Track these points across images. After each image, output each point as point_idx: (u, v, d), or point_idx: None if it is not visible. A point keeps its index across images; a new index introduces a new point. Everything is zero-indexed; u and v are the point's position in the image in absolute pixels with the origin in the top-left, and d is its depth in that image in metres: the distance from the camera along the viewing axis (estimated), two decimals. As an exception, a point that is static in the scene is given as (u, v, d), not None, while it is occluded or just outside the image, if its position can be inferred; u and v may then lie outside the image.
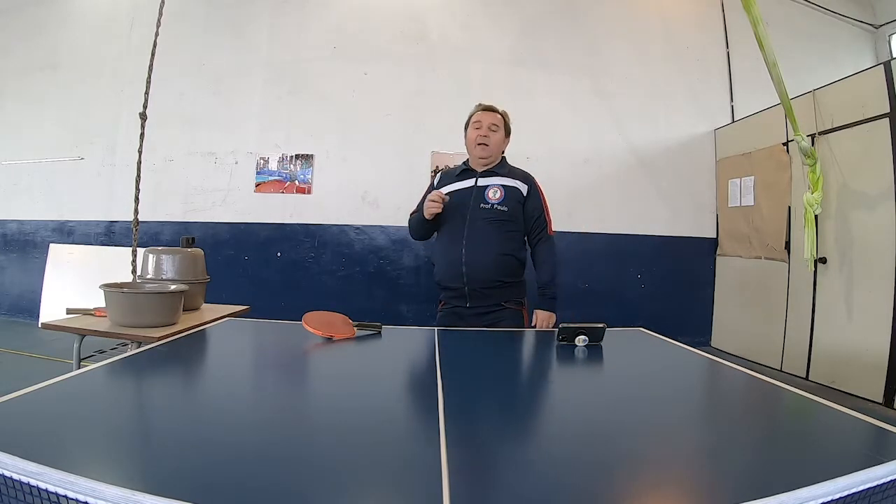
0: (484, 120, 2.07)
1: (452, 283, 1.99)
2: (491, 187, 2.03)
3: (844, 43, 4.98)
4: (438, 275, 2.06)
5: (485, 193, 2.02)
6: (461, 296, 1.99)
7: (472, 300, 1.97)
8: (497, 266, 1.96)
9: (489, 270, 1.95)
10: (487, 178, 2.06)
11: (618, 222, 4.59)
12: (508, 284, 1.99)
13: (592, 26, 4.73)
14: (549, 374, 1.39)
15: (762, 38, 2.84)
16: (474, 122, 2.09)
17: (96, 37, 4.84)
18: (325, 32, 4.64)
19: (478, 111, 2.11)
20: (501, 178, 2.06)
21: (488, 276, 1.95)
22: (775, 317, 3.73)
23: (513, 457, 0.76)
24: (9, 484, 0.59)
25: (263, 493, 0.60)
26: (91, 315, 1.87)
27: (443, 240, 2.07)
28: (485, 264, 1.94)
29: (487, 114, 2.09)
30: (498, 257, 1.96)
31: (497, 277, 1.96)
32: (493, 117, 2.09)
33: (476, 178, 2.07)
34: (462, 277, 1.95)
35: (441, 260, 2.05)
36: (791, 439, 0.85)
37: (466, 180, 2.08)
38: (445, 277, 2.02)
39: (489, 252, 1.95)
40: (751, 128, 4.16)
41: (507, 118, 2.13)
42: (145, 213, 3.30)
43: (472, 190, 2.04)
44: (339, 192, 4.54)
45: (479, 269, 1.94)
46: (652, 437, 0.85)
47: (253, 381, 1.23)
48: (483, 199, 2.01)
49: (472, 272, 1.94)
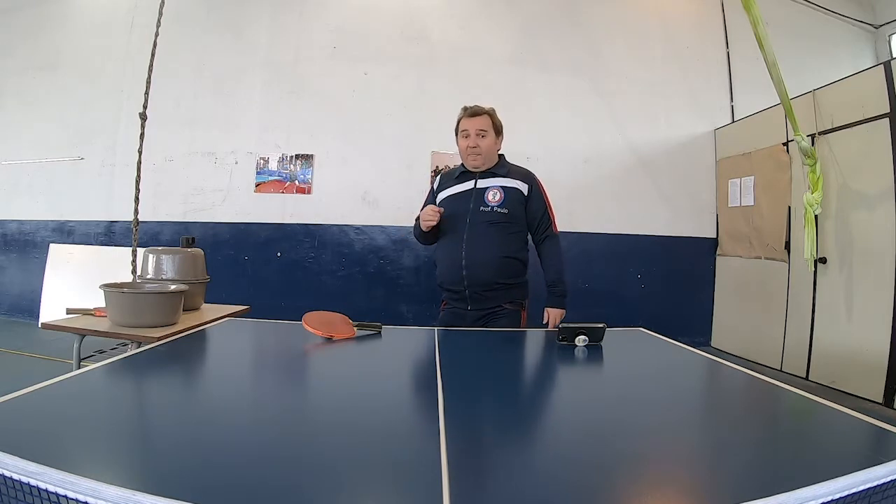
0: (471, 127, 2.03)
1: (453, 285, 1.99)
2: (490, 189, 2.01)
3: (844, 43, 4.98)
4: (440, 277, 2.06)
5: (484, 196, 2.01)
6: (462, 298, 1.99)
7: (473, 303, 1.97)
8: (498, 269, 1.95)
9: (490, 273, 1.94)
10: (487, 179, 2.05)
11: (618, 222, 4.59)
12: (510, 286, 1.99)
13: (592, 26, 4.73)
14: (549, 374, 1.40)
15: (762, 38, 2.84)
16: (462, 132, 2.07)
17: (96, 37, 4.84)
18: (325, 32, 4.64)
19: (463, 117, 2.08)
20: (501, 178, 2.04)
21: (489, 278, 1.94)
22: (775, 317, 3.73)
23: (513, 457, 0.76)
24: (9, 484, 0.59)
25: (263, 492, 0.60)
26: (91, 315, 1.87)
27: (444, 243, 2.06)
28: (485, 267, 1.94)
29: (473, 120, 2.04)
30: (499, 260, 1.95)
31: (498, 280, 1.95)
32: (480, 122, 2.04)
33: (475, 181, 2.06)
34: (462, 281, 1.95)
35: (442, 263, 2.04)
36: (791, 439, 0.86)
37: (465, 182, 2.07)
38: (446, 280, 2.02)
39: (490, 255, 1.94)
40: (751, 128, 4.16)
41: (494, 117, 2.08)
42: (145, 213, 3.30)
43: (472, 192, 2.03)
44: (339, 192, 4.54)
45: (479, 272, 1.93)
46: (652, 436, 0.85)
47: (253, 382, 1.23)
48: (483, 202, 2.00)
49: (473, 275, 1.94)
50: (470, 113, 2.07)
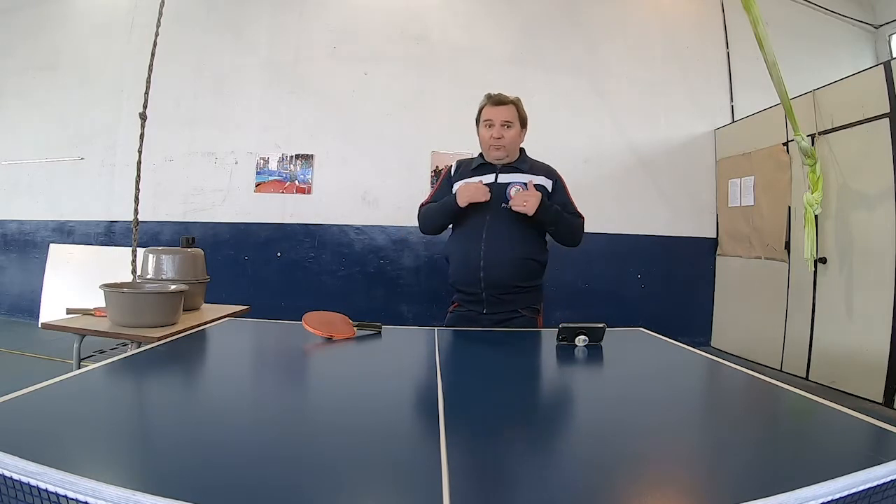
0: (495, 117, 1.90)
1: (469, 286, 1.87)
2: (513, 185, 1.87)
3: (844, 43, 4.98)
4: (453, 276, 1.93)
5: (506, 191, 1.87)
6: (478, 301, 1.87)
7: (489, 306, 1.86)
8: (517, 270, 1.84)
9: (508, 275, 1.83)
10: (508, 174, 1.91)
11: (618, 222, 4.58)
12: (526, 290, 1.88)
13: (592, 26, 4.73)
14: (549, 374, 1.40)
15: (762, 38, 2.84)
16: (485, 121, 1.92)
17: (96, 37, 4.84)
18: (325, 32, 4.64)
19: (487, 105, 1.93)
20: (524, 174, 1.91)
21: (507, 280, 1.83)
22: (775, 317, 3.73)
23: (513, 457, 0.76)
24: (9, 484, 0.59)
25: (263, 492, 0.60)
26: (91, 315, 1.87)
27: (459, 239, 1.93)
28: (504, 268, 1.82)
29: (498, 109, 1.90)
30: (518, 261, 1.84)
31: (516, 282, 1.84)
32: (506, 112, 1.90)
33: (496, 174, 1.92)
34: (479, 282, 1.83)
35: (457, 261, 1.91)
36: (791, 439, 0.85)
37: (485, 175, 1.92)
38: (461, 280, 1.90)
39: (509, 255, 1.83)
40: (751, 128, 4.16)
41: (520, 107, 1.95)
42: (145, 213, 3.31)
43: (493, 187, 1.88)
44: (339, 192, 4.54)
45: (497, 272, 1.82)
46: (652, 436, 0.85)
47: (253, 382, 1.23)
48: (504, 198, 1.86)
49: (491, 276, 1.82)
50: (495, 101, 1.92)
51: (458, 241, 1.94)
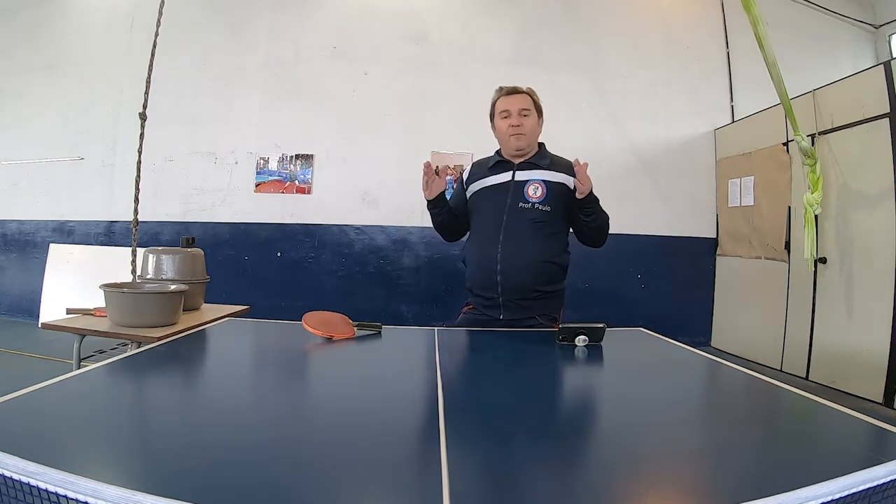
0: (512, 106, 1.81)
1: (485, 291, 1.79)
2: (531, 183, 1.78)
3: (844, 43, 4.98)
4: (470, 280, 1.86)
5: (524, 190, 1.78)
6: (494, 306, 1.79)
7: (507, 312, 1.77)
8: (536, 274, 1.76)
9: (527, 279, 1.75)
10: (526, 171, 1.82)
11: (618, 222, 4.50)
12: (546, 295, 1.80)
13: (592, 26, 4.73)
14: (549, 374, 1.39)
15: (762, 38, 2.84)
16: (501, 112, 1.83)
17: (96, 37, 4.84)
18: (325, 32, 4.65)
19: (501, 97, 1.84)
20: (543, 171, 1.81)
21: (526, 284, 1.75)
22: (775, 317, 3.73)
23: (513, 457, 0.76)
24: (9, 484, 0.59)
25: (263, 492, 0.60)
26: (91, 315, 1.87)
27: (475, 242, 1.86)
28: (522, 272, 1.74)
29: (513, 98, 1.81)
30: (537, 264, 1.76)
31: (535, 287, 1.76)
32: (522, 100, 1.81)
33: (513, 172, 1.83)
34: (496, 287, 1.76)
35: (473, 264, 1.84)
36: (791, 439, 0.85)
37: (502, 174, 1.83)
38: (477, 284, 1.82)
39: (528, 258, 1.75)
40: (751, 128, 4.16)
41: (534, 96, 1.85)
42: (145, 213, 3.31)
43: (510, 185, 1.80)
44: (339, 192, 4.54)
45: (515, 277, 1.74)
46: (652, 436, 0.84)
47: (253, 382, 1.22)
48: (522, 197, 1.77)
49: (508, 280, 1.74)
50: (508, 91, 1.83)
51: (474, 242, 1.88)
